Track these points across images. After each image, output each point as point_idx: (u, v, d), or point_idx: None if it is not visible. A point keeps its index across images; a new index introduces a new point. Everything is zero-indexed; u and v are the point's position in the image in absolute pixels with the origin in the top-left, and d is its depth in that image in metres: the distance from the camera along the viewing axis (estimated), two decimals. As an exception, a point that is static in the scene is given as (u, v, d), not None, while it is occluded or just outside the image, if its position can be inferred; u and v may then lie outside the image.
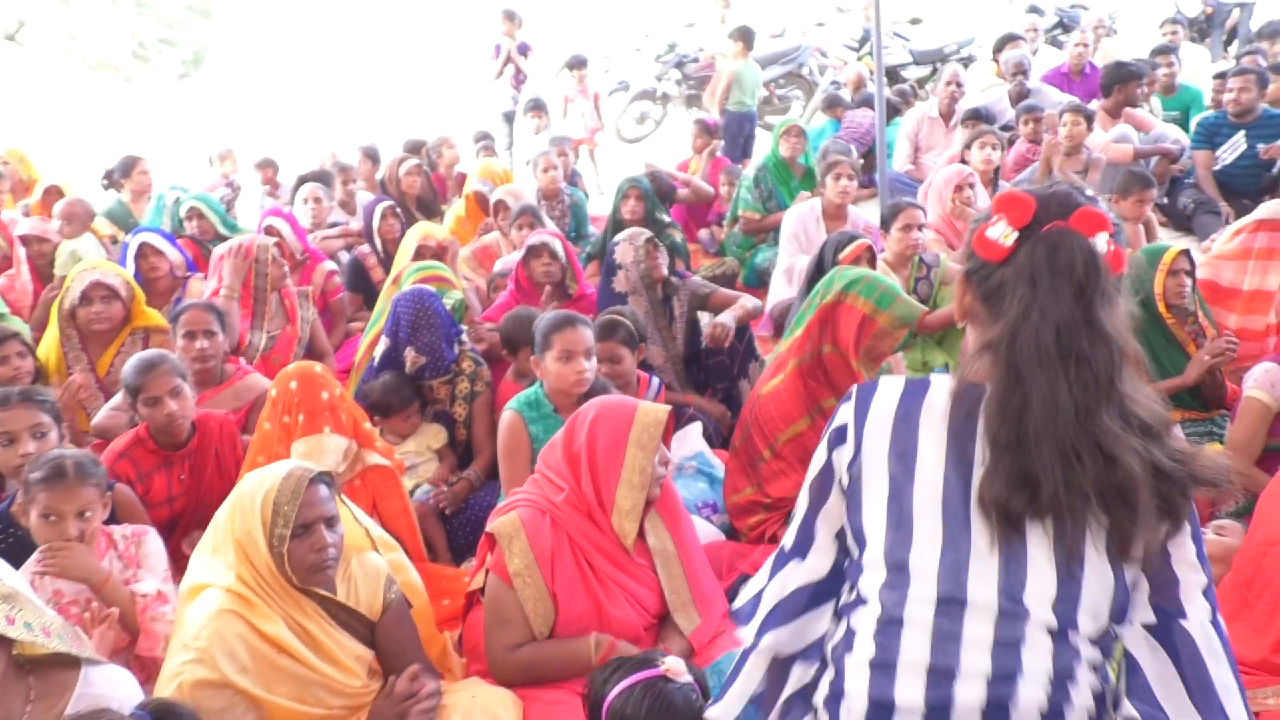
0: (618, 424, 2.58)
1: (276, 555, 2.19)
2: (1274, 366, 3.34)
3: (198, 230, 5.80)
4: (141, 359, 3.24)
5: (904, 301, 3.31)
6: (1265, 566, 2.55)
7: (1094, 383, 1.37)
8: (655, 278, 4.35)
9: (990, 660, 1.35)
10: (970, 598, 1.38)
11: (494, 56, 10.25)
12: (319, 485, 2.28)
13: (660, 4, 15.78)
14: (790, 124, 6.72)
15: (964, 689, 1.35)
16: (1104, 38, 10.70)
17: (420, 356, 3.85)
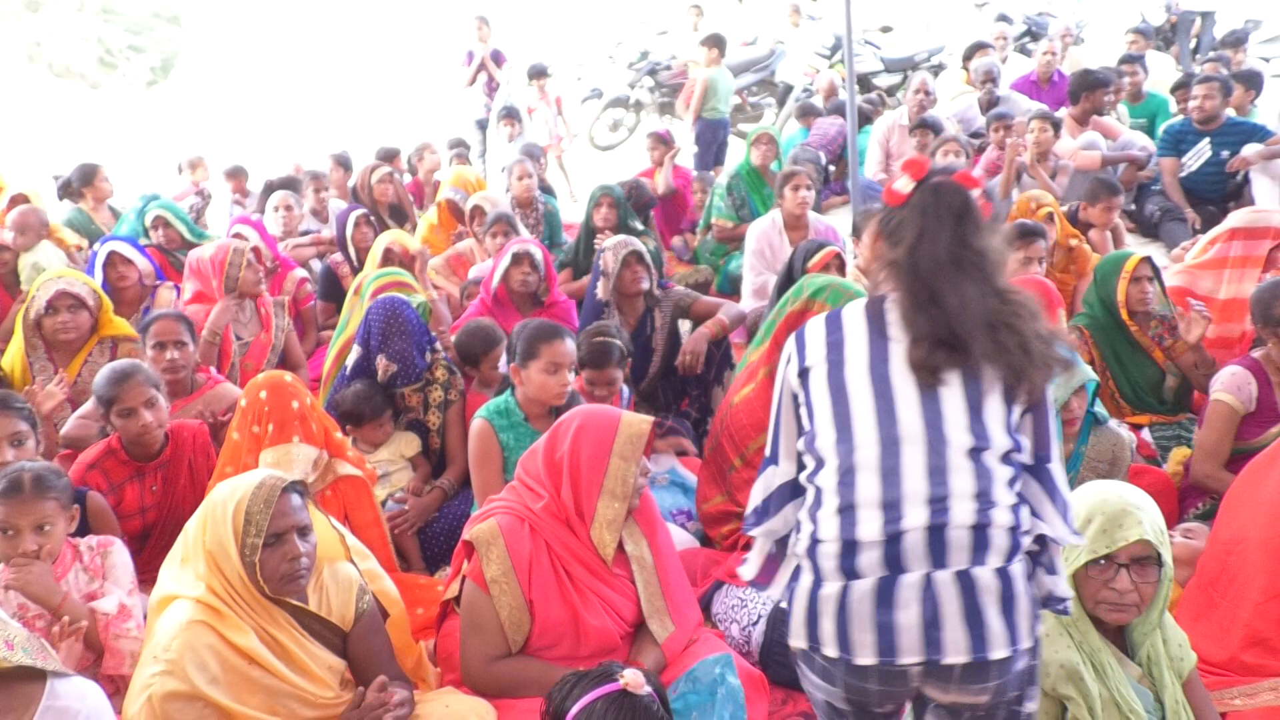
0: (602, 434, 2.57)
1: (248, 565, 2.17)
2: (1240, 370, 3.39)
3: (164, 239, 5.74)
4: (115, 369, 3.19)
5: (853, 297, 3.31)
6: (1230, 565, 2.59)
7: (984, 280, 1.85)
8: (632, 291, 4.35)
9: (926, 483, 1.77)
10: (903, 433, 1.81)
11: (466, 64, 10.24)
12: (291, 494, 2.26)
13: (633, 12, 15.84)
14: (762, 131, 6.76)
15: (910, 515, 1.76)
16: (1071, 46, 10.84)
17: (391, 364, 3.82)
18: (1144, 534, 2.01)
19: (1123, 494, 2.10)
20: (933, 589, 1.74)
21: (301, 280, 5.56)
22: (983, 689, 1.77)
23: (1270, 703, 2.41)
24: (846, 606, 1.78)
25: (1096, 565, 2.06)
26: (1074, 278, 5.09)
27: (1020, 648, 1.76)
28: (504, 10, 13.85)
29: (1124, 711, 2.04)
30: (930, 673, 1.77)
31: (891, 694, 1.83)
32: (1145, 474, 3.48)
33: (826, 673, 1.85)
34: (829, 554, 1.81)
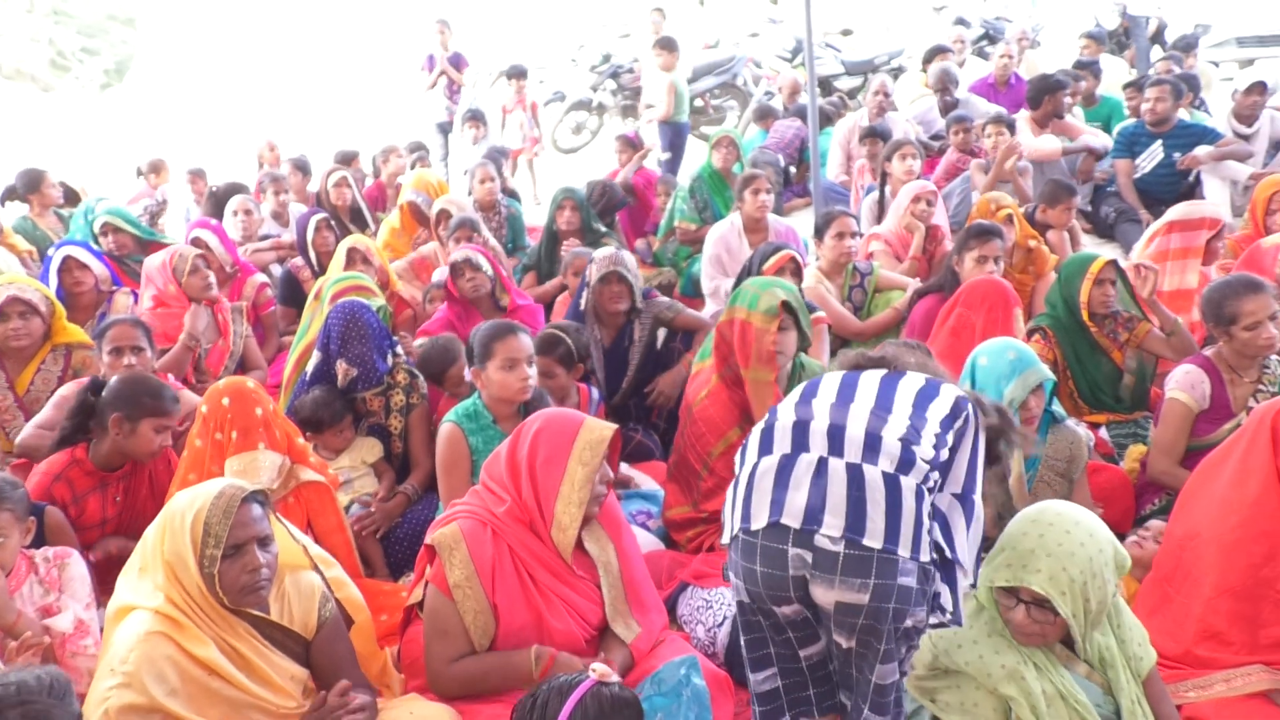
0: (561, 437, 2.56)
1: (207, 576, 2.14)
2: (1194, 369, 3.45)
3: (114, 245, 5.63)
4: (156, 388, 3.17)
5: (767, 294, 3.32)
6: (1184, 560, 2.63)
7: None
8: (610, 309, 4.29)
9: (869, 419, 2.10)
10: (858, 397, 2.17)
11: (426, 67, 10.18)
12: (252, 504, 2.22)
13: (595, 15, 15.84)
14: (723, 134, 6.79)
15: (853, 426, 2.08)
16: (1027, 49, 11.00)
17: (351, 369, 3.79)
18: (1034, 584, 2.07)
19: (1045, 534, 2.13)
20: (825, 471, 2.03)
21: (261, 285, 5.49)
22: (864, 585, 1.95)
23: (1223, 694, 2.45)
24: (754, 481, 2.10)
25: (1002, 592, 2.14)
26: (1033, 278, 5.16)
27: (900, 552, 1.95)
28: (465, 13, 13.80)
29: (1070, 704, 2.08)
30: (817, 562, 1.98)
31: (775, 579, 2.04)
32: (1102, 471, 3.53)
33: (734, 561, 2.12)
34: (783, 428, 2.15)
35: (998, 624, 2.18)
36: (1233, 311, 3.33)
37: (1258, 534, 2.49)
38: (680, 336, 4.43)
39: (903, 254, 5.50)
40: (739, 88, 11.97)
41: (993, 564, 2.15)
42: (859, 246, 5.14)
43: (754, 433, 2.22)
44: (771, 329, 3.27)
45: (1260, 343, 3.32)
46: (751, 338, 3.29)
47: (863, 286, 5.06)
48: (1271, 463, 2.51)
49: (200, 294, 4.66)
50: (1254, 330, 3.31)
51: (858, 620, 2.00)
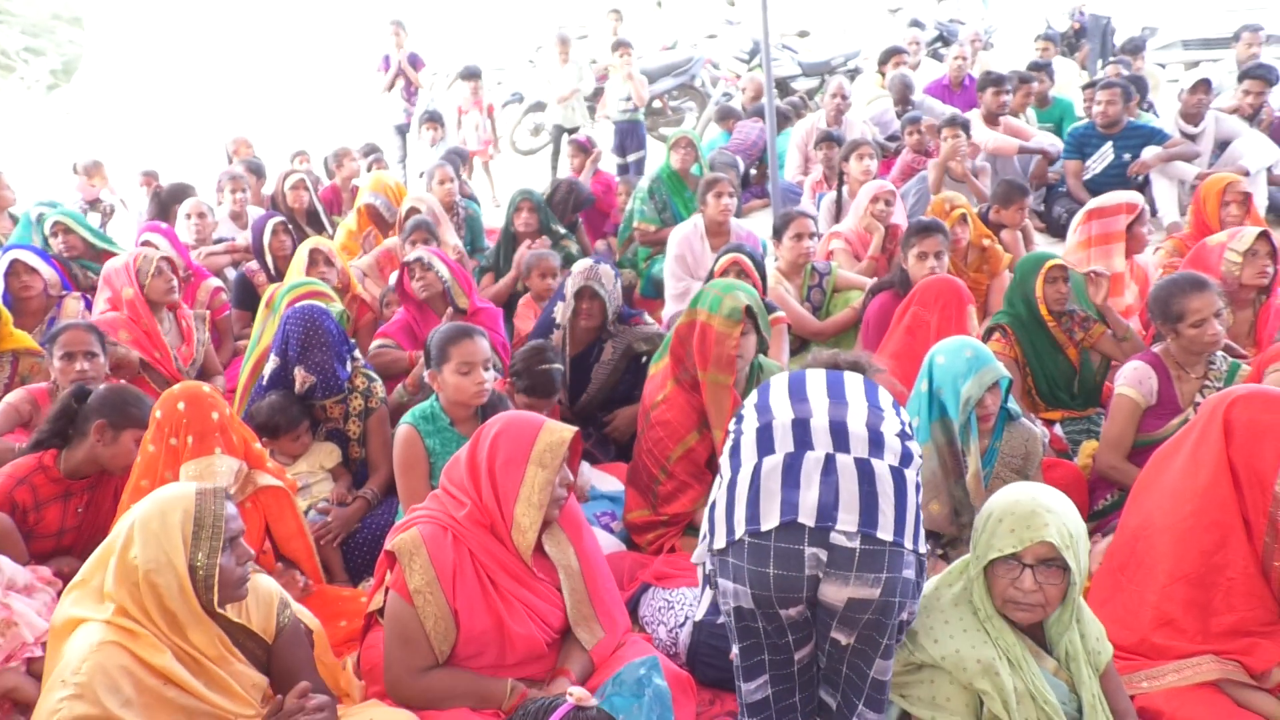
0: (520, 440, 2.55)
1: (203, 576, 2.12)
2: (1142, 365, 3.52)
3: (64, 246, 5.52)
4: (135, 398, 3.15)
5: (730, 297, 3.35)
6: (1137, 550, 2.68)
7: None
8: (578, 326, 4.20)
9: (868, 415, 2.16)
10: (850, 395, 2.23)
11: (381, 68, 10.10)
12: (229, 501, 2.23)
13: (553, 16, 15.80)
14: (681, 135, 6.80)
15: (854, 422, 2.12)
16: (981, 51, 11.16)
17: (310, 376, 3.74)
18: (1049, 535, 2.07)
19: (1036, 496, 2.17)
20: (833, 468, 2.03)
21: (216, 289, 5.42)
22: (876, 579, 1.97)
23: (1174, 683, 2.50)
24: (758, 479, 2.07)
25: (1005, 564, 2.12)
26: (987, 277, 5.23)
27: (905, 545, 2.00)
28: (421, 14, 13.71)
29: (1039, 704, 2.11)
30: (833, 560, 1.98)
31: (789, 580, 2.00)
32: (1057, 467, 3.58)
33: (736, 567, 2.05)
34: (748, 441, 2.15)
35: (979, 616, 2.18)
36: (1179, 309, 3.39)
37: (1209, 523, 2.55)
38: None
39: (863, 253, 5.55)
40: (697, 89, 12.01)
41: (990, 538, 2.14)
42: (817, 247, 5.18)
43: (747, 433, 2.19)
44: (734, 334, 3.28)
45: (1206, 339, 3.39)
46: (712, 341, 3.30)
47: (821, 286, 5.10)
48: (1223, 453, 2.55)
49: (163, 298, 4.61)
50: (1200, 327, 3.38)
51: (864, 616, 2.01)
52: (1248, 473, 2.52)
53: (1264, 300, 4.24)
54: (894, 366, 3.71)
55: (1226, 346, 3.90)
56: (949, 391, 3.07)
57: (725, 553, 2.08)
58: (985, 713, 2.13)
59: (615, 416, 4.23)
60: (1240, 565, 2.53)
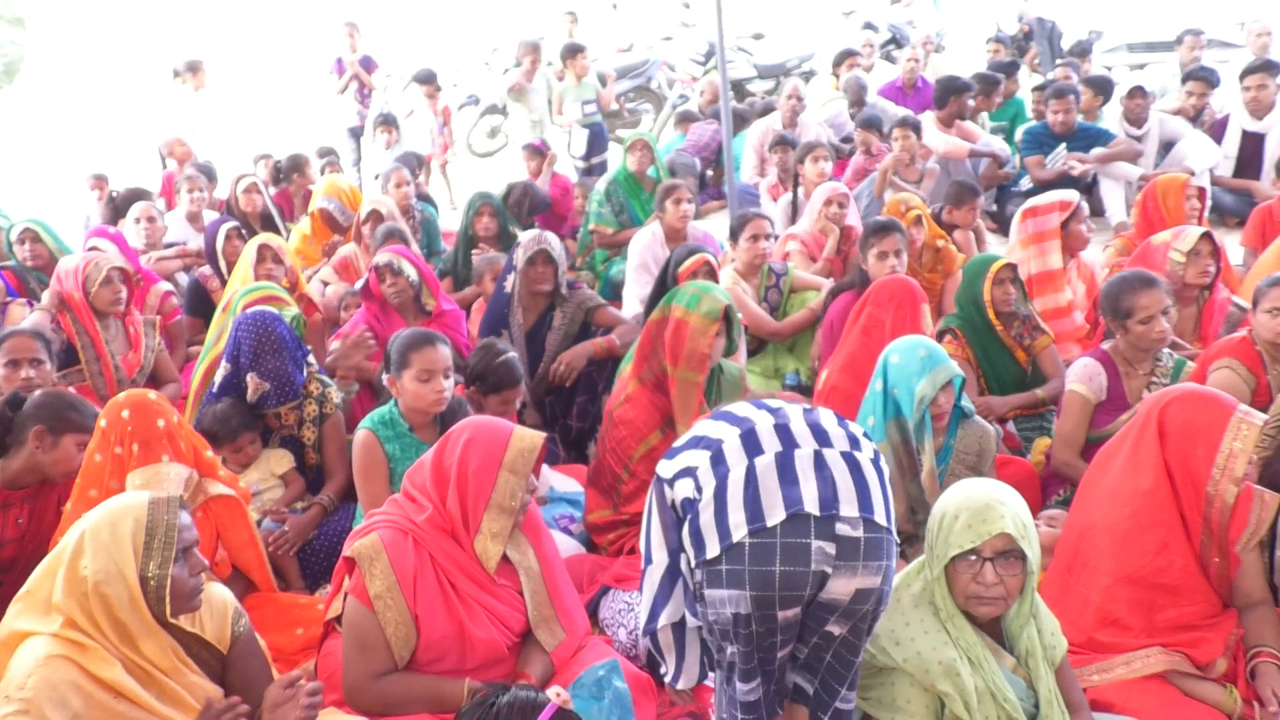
0: (492, 447, 2.53)
1: (154, 587, 2.08)
2: (1091, 362, 3.58)
3: (29, 255, 5.38)
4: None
5: (710, 297, 3.37)
6: (1083, 550, 2.72)
7: None
8: (535, 289, 4.31)
9: (835, 417, 2.24)
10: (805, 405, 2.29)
11: (334, 71, 9.99)
12: (182, 510, 2.19)
13: (508, 18, 15.75)
14: (637, 137, 6.81)
15: (827, 423, 2.19)
16: (933, 53, 11.30)
17: (263, 383, 3.69)
18: (1006, 527, 2.10)
19: (988, 490, 2.20)
20: (824, 462, 2.09)
21: (165, 294, 5.32)
22: (879, 567, 2.03)
23: (1123, 676, 2.54)
24: (754, 479, 2.08)
25: (965, 560, 2.14)
26: (941, 277, 5.29)
27: (893, 532, 2.09)
28: (375, 16, 13.60)
29: (999, 702, 2.14)
30: (840, 552, 2.00)
31: (795, 577, 2.00)
32: (1010, 465, 3.63)
33: (734, 573, 2.03)
34: (732, 448, 2.15)
35: (940, 616, 2.20)
36: (1128, 305, 3.46)
37: (1149, 523, 2.59)
38: (600, 332, 4.43)
39: (818, 254, 5.59)
40: (653, 91, 12.03)
41: (948, 535, 2.16)
42: (773, 248, 5.21)
43: (727, 439, 2.18)
44: (710, 331, 3.32)
45: (1153, 336, 3.45)
46: (685, 337, 3.32)
47: (778, 287, 5.13)
48: (1159, 454, 2.60)
49: (108, 307, 4.50)
50: (1147, 324, 3.44)
51: (864, 607, 2.04)
52: (1182, 473, 2.57)
53: (1207, 298, 4.33)
54: (850, 366, 3.75)
55: (1173, 343, 3.99)
56: (903, 390, 3.10)
57: (718, 561, 2.06)
58: (946, 714, 2.15)
59: (562, 357, 4.23)
60: (1181, 564, 2.58)
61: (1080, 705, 2.30)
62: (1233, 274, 5.01)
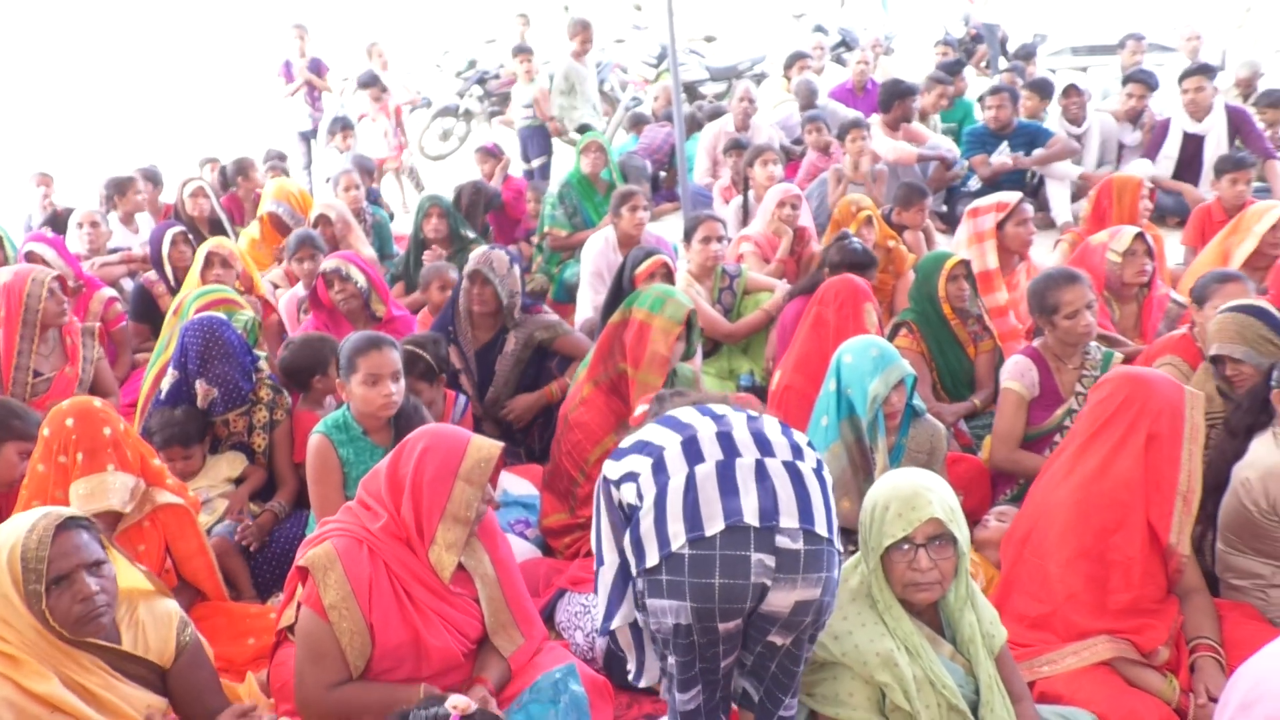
0: (448, 456, 2.50)
1: (37, 612, 2.03)
2: (1022, 359, 3.65)
3: None
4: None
5: (674, 301, 3.39)
6: (1040, 525, 2.81)
7: None
8: (475, 311, 4.22)
9: (779, 426, 2.23)
10: (749, 413, 2.27)
11: (282, 73, 9.87)
12: (74, 531, 2.12)
13: (460, 21, 15.67)
14: (591, 140, 6.80)
15: (770, 432, 2.18)
16: (882, 56, 11.43)
17: (211, 389, 3.64)
18: (935, 512, 2.15)
19: (913, 479, 2.25)
20: (766, 473, 2.07)
21: (110, 300, 5.21)
22: (820, 579, 2.02)
23: (1073, 665, 2.59)
24: (693, 487, 2.06)
25: (899, 550, 2.18)
26: (892, 277, 5.35)
27: (836, 544, 2.08)
28: (323, 18, 13.45)
29: (938, 689, 2.17)
30: (780, 565, 1.99)
31: (735, 590, 1.99)
32: (961, 462, 3.68)
33: (674, 583, 2.02)
34: (673, 455, 2.13)
35: (877, 608, 2.23)
36: (1054, 301, 3.54)
37: (1110, 503, 2.66)
38: (557, 361, 4.34)
39: (771, 256, 5.63)
40: (606, 94, 12.03)
41: (880, 527, 2.19)
42: (726, 250, 5.23)
43: (669, 446, 2.16)
44: (673, 334, 3.34)
45: (1079, 330, 3.53)
46: (648, 339, 3.33)
47: (732, 289, 5.16)
48: (1122, 434, 2.69)
49: (55, 320, 4.33)
50: (1073, 319, 3.52)
51: (805, 618, 2.04)
52: (1154, 475, 2.66)
53: (1146, 295, 4.44)
54: (801, 365, 3.78)
55: (1112, 340, 4.08)
56: (857, 390, 3.13)
57: (658, 570, 2.05)
58: (888, 704, 2.18)
59: (514, 403, 4.20)
60: (1137, 546, 2.64)
61: (1022, 695, 2.34)
62: (1168, 272, 5.15)
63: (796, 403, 3.59)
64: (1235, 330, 3.17)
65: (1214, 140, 6.94)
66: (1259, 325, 3.16)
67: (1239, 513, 2.78)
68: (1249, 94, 8.14)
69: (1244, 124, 7.00)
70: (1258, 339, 3.14)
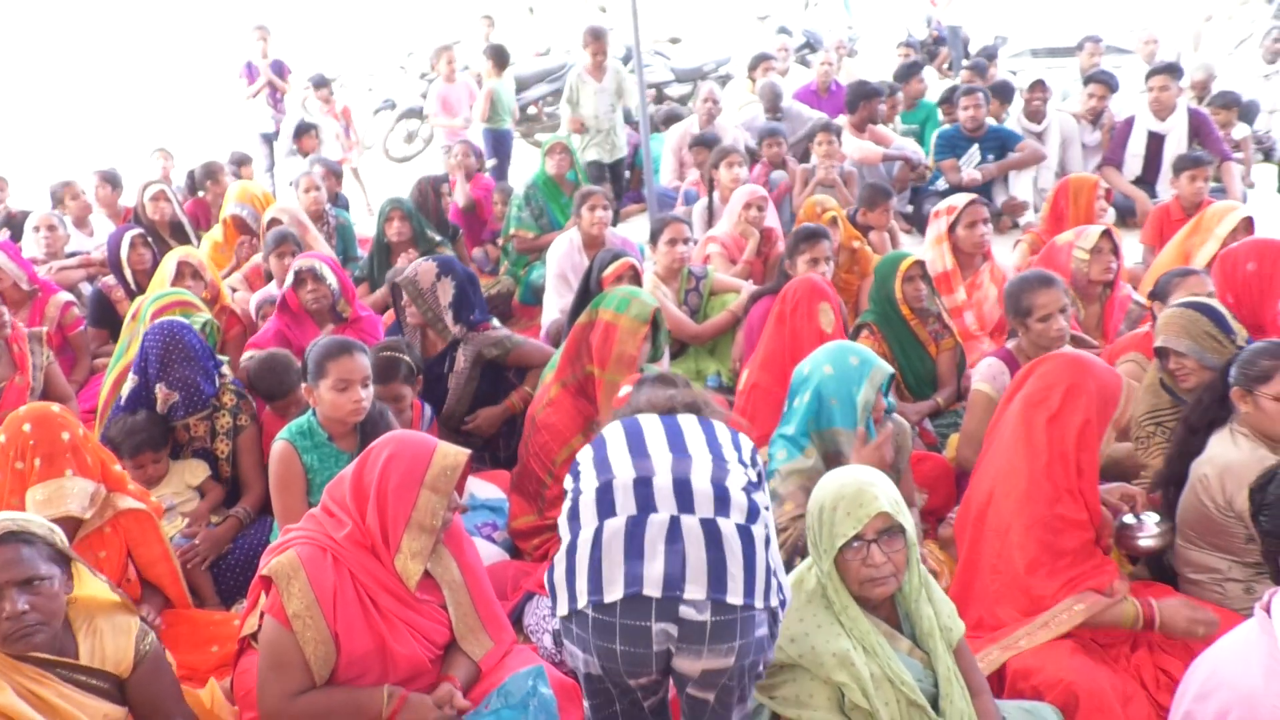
0: (413, 464, 2.48)
1: None
2: (995, 360, 3.69)
3: None
4: None
5: (639, 301, 3.39)
6: (996, 500, 2.89)
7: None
8: (408, 322, 4.20)
9: (712, 469, 2.07)
10: (691, 446, 2.14)
11: (244, 75, 9.75)
12: (9, 546, 2.08)
13: (423, 22, 15.59)
14: (555, 141, 6.79)
15: (697, 479, 2.04)
16: (845, 58, 11.51)
17: (172, 393, 3.59)
18: (882, 506, 2.17)
19: (855, 476, 2.27)
20: (679, 533, 1.95)
21: (66, 305, 5.12)
22: (730, 649, 1.93)
23: (1045, 638, 2.65)
24: (599, 545, 1.98)
25: (850, 548, 2.20)
26: (858, 278, 5.39)
27: (757, 605, 1.95)
28: (286, 19, 13.33)
29: (896, 686, 2.19)
30: (683, 635, 1.92)
31: (637, 657, 1.94)
32: (925, 460, 3.70)
33: (581, 638, 1.99)
34: (587, 502, 2.04)
35: (833, 609, 2.24)
36: (1028, 304, 3.58)
37: (1053, 474, 2.77)
38: (514, 372, 4.25)
39: (738, 257, 5.65)
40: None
41: (831, 527, 2.20)
42: (692, 252, 5.24)
43: (586, 492, 2.09)
44: (639, 334, 3.33)
45: (1052, 334, 3.57)
46: (615, 340, 3.33)
47: (698, 290, 5.17)
48: (1057, 412, 2.79)
49: None
50: (1046, 322, 3.56)
51: (720, 681, 1.99)
52: (1086, 457, 2.78)
53: (1109, 295, 4.50)
54: (768, 364, 3.78)
55: (1077, 339, 4.13)
56: (843, 401, 3.01)
57: (569, 619, 2.02)
58: (848, 703, 2.19)
59: (478, 415, 4.17)
60: (1082, 511, 2.76)
61: (981, 689, 2.35)
62: (1127, 271, 5.22)
63: (764, 400, 3.60)
64: (1181, 325, 3.24)
65: (1175, 140, 7.05)
66: (1206, 322, 3.22)
67: (1197, 509, 2.83)
68: (1203, 96, 8.29)
69: (1203, 126, 7.12)
70: (1203, 335, 3.21)
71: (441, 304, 4.10)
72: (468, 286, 4.18)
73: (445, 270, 4.13)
